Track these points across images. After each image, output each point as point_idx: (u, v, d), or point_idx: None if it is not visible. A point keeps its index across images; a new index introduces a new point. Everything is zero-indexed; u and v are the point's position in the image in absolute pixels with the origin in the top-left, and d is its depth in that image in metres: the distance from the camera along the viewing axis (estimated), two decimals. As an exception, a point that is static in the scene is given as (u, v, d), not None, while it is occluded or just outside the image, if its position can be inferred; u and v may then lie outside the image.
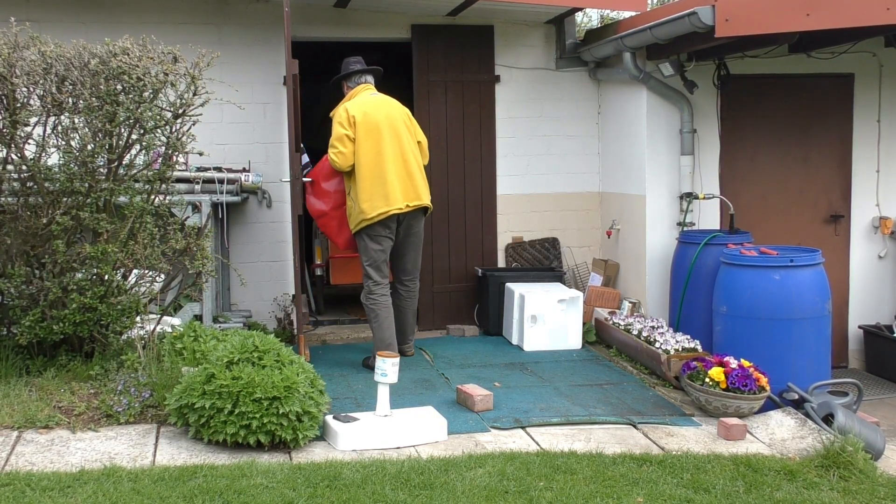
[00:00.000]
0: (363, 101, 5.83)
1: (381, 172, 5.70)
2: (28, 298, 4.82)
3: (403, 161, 5.78)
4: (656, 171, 6.78)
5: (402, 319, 6.11)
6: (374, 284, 5.83)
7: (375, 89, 6.01)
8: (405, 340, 6.20)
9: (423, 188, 5.89)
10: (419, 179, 5.87)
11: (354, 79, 6.01)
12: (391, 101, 5.95)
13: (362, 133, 5.70)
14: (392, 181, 5.70)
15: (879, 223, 7.21)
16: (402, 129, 5.83)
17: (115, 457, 4.05)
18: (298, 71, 5.74)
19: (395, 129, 5.79)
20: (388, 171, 5.70)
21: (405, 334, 6.19)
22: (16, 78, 4.60)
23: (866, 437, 4.59)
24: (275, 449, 4.21)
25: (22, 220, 4.80)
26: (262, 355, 4.36)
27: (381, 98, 5.93)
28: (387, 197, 5.69)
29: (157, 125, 4.84)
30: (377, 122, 5.74)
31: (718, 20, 5.53)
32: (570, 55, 7.39)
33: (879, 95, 7.14)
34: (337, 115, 5.85)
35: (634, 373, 6.00)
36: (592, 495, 3.80)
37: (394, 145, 5.76)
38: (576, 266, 7.58)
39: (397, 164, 5.75)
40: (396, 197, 5.72)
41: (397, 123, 5.82)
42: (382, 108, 5.83)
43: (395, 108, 5.90)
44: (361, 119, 5.72)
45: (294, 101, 5.92)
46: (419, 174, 5.88)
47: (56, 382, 4.73)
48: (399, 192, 5.73)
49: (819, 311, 5.53)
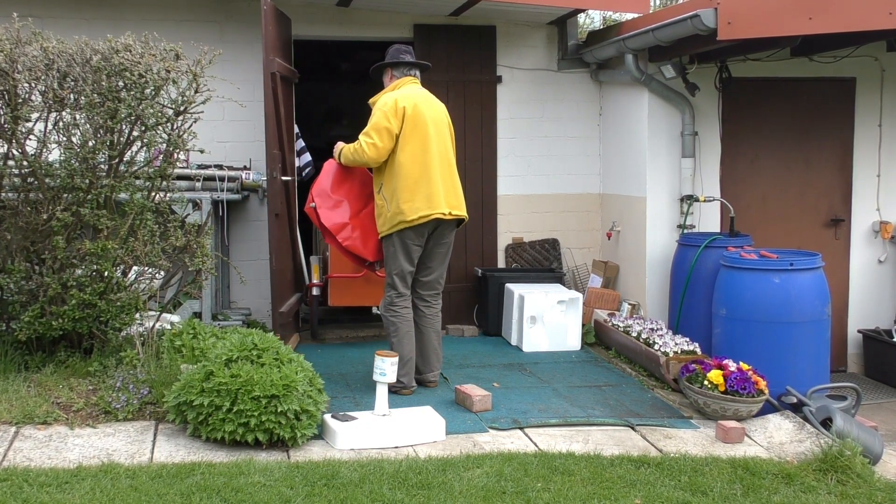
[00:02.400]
0: (413, 94, 5.34)
1: (426, 172, 5.21)
2: (27, 294, 4.82)
3: (448, 164, 5.35)
4: (657, 173, 6.78)
5: (423, 342, 5.45)
6: (398, 296, 5.33)
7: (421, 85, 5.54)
8: (428, 368, 5.48)
9: (462, 197, 5.42)
10: (460, 187, 5.42)
11: (403, 69, 5.49)
12: (437, 100, 5.51)
13: (409, 127, 5.22)
14: (437, 183, 5.22)
15: (880, 227, 7.21)
16: (447, 132, 5.43)
17: (112, 453, 4.05)
18: (294, 68, 5.73)
19: (441, 130, 5.36)
20: (433, 172, 5.23)
21: (428, 360, 5.47)
22: (18, 73, 4.60)
23: (864, 442, 4.59)
24: (273, 447, 4.21)
25: (22, 215, 4.80)
26: (261, 353, 4.36)
27: (429, 95, 5.47)
28: (430, 199, 5.20)
29: (158, 122, 4.84)
30: (426, 119, 5.27)
31: (721, 23, 5.53)
32: (572, 56, 7.39)
33: (881, 99, 7.14)
34: (382, 102, 5.32)
35: (633, 374, 6.00)
36: (590, 496, 3.79)
37: (440, 146, 5.32)
38: (576, 267, 7.58)
39: (443, 166, 5.30)
40: (440, 201, 5.22)
41: (443, 125, 5.40)
42: (432, 106, 5.38)
43: (442, 109, 5.47)
44: (412, 112, 5.23)
45: (274, 100, 5.91)
46: (458, 182, 5.43)
47: (55, 378, 4.73)
48: (443, 197, 5.24)
49: (818, 315, 5.53)
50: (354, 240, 5.58)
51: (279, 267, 5.99)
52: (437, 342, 5.50)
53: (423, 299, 5.47)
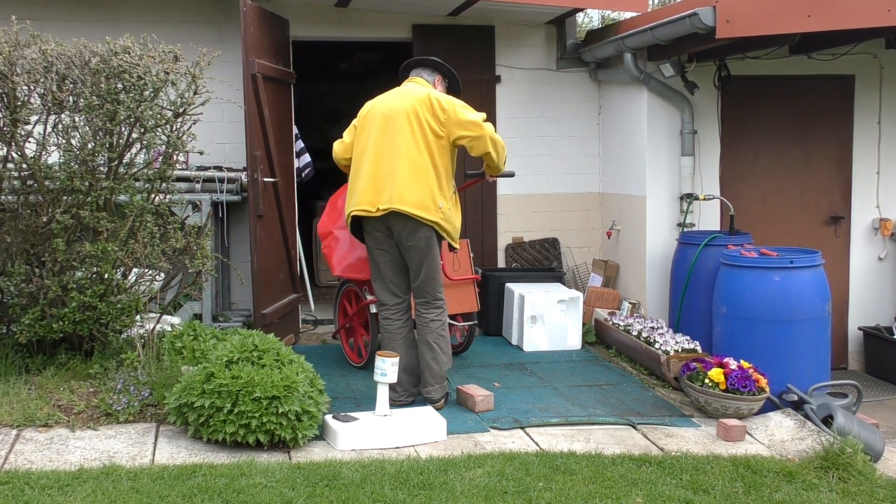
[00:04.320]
0: (384, 94, 5.15)
1: (359, 168, 4.99)
2: (28, 297, 4.82)
3: (389, 157, 4.86)
4: (657, 172, 6.79)
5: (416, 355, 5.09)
6: (379, 304, 5.15)
7: (428, 84, 5.16)
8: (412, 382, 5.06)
9: (414, 191, 4.82)
10: (409, 180, 4.82)
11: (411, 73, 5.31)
12: (414, 91, 5.05)
13: (360, 126, 5.10)
14: (365, 179, 4.91)
15: (879, 225, 7.21)
16: (404, 124, 4.87)
17: (114, 455, 4.05)
18: (290, 69, 5.71)
19: (394, 123, 4.90)
20: (365, 167, 4.94)
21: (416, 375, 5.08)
22: (16, 76, 4.60)
23: (866, 439, 4.59)
24: (274, 448, 4.21)
25: (22, 218, 4.80)
26: (262, 354, 4.36)
27: (405, 90, 5.11)
28: (352, 196, 4.99)
29: (157, 124, 4.84)
30: (377, 115, 5.00)
31: (719, 21, 5.54)
32: (571, 56, 7.40)
33: (880, 97, 7.14)
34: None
35: (634, 373, 6.00)
36: (591, 496, 3.79)
37: (385, 138, 4.91)
38: (576, 266, 7.59)
39: (381, 160, 4.89)
40: (362, 198, 4.90)
41: (399, 117, 4.90)
42: (397, 100, 5.01)
43: (410, 100, 4.94)
44: (366, 111, 5.10)
45: (257, 102, 5.90)
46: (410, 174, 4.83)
47: (55, 381, 4.73)
48: (372, 193, 4.87)
49: (819, 313, 5.53)
50: (329, 249, 5.69)
51: (262, 268, 5.98)
52: (429, 356, 4.99)
53: (416, 306, 5.15)
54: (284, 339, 6.06)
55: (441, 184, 4.92)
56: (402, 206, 4.80)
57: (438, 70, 5.28)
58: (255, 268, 5.91)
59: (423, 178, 4.86)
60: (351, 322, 6.00)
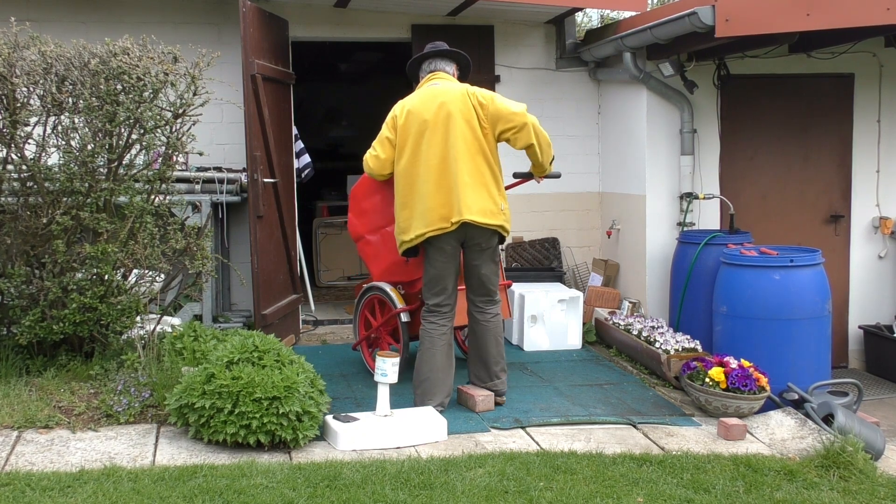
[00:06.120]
0: (416, 96, 4.87)
1: (418, 185, 4.75)
2: (28, 298, 4.82)
3: (450, 169, 4.70)
4: (656, 171, 6.79)
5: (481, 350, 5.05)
6: (426, 309, 4.99)
7: (451, 77, 4.98)
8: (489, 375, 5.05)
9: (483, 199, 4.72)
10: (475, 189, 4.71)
11: (424, 66, 5.02)
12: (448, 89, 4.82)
13: (402, 137, 4.79)
14: (431, 196, 4.71)
15: (879, 223, 7.21)
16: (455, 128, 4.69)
17: (115, 457, 4.05)
18: (290, 70, 5.71)
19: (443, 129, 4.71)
20: (427, 183, 4.72)
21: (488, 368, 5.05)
22: (16, 78, 4.60)
23: (866, 438, 4.59)
24: (275, 449, 4.21)
25: (22, 219, 4.80)
26: (262, 355, 4.36)
27: (441, 89, 4.82)
28: (425, 216, 4.74)
29: (157, 125, 4.84)
30: (420, 122, 4.74)
31: (718, 20, 5.54)
32: (570, 55, 7.40)
33: (879, 95, 7.14)
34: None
35: (634, 373, 6.00)
36: (592, 495, 3.79)
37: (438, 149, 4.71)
38: (576, 266, 7.59)
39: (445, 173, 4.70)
40: (435, 217, 4.71)
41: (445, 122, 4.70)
42: (437, 102, 4.74)
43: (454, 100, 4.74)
44: (404, 121, 4.79)
45: (256, 103, 5.90)
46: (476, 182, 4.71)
47: (56, 382, 4.73)
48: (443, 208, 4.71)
49: (819, 312, 5.53)
50: (365, 254, 5.55)
51: (262, 269, 6.00)
52: (494, 348, 4.99)
53: (474, 304, 5.03)
54: (285, 340, 6.07)
55: (498, 184, 4.86)
56: (473, 217, 4.71)
57: (454, 59, 5.08)
58: (256, 268, 5.91)
59: (483, 184, 4.76)
60: (377, 332, 5.73)
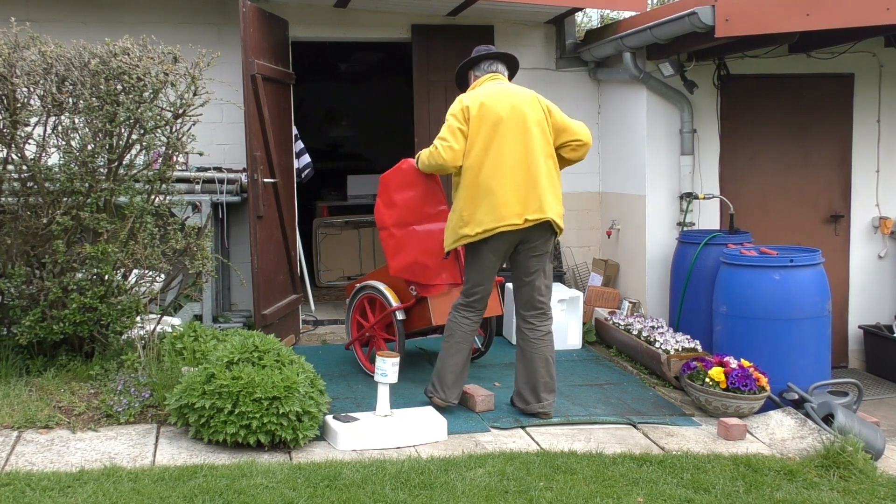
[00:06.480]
0: (485, 92, 4.81)
1: (492, 180, 4.67)
2: (28, 298, 4.82)
3: (526, 167, 4.68)
4: (656, 171, 6.79)
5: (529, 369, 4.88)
6: (463, 306, 4.90)
7: (507, 80, 5.00)
8: (535, 397, 4.87)
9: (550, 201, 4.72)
10: (547, 190, 4.71)
11: (483, 66, 4.98)
12: (523, 92, 4.85)
13: (475, 129, 4.70)
14: (506, 192, 4.65)
15: (879, 223, 7.21)
16: (529, 128, 4.71)
17: (115, 457, 4.05)
18: (290, 70, 5.72)
19: (519, 127, 4.70)
20: (502, 178, 4.67)
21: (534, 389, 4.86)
22: (16, 78, 4.60)
23: (866, 437, 4.59)
24: (275, 449, 4.21)
25: (22, 220, 4.80)
26: (262, 355, 4.36)
27: (510, 89, 4.85)
28: (496, 211, 4.66)
29: (157, 125, 4.84)
30: (497, 118, 4.70)
31: (718, 20, 5.54)
32: (570, 55, 7.40)
33: (879, 95, 7.14)
34: (452, 105, 4.86)
35: (634, 373, 6.00)
36: (592, 495, 3.80)
37: (515, 147, 4.69)
38: (576, 266, 7.59)
39: (518, 170, 4.68)
40: (508, 212, 4.65)
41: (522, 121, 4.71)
42: (509, 101, 4.74)
43: (527, 101, 4.78)
44: (478, 112, 4.71)
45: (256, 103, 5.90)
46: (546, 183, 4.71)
47: (56, 382, 4.73)
48: (516, 205, 4.66)
49: (819, 311, 5.53)
50: (387, 245, 5.38)
51: (262, 269, 6.00)
52: (543, 369, 4.83)
53: (524, 320, 4.89)
54: (285, 340, 6.07)
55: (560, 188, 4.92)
56: (551, 216, 4.72)
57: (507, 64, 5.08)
58: (256, 268, 5.91)
59: (556, 184, 4.82)
60: (371, 330, 5.69)
